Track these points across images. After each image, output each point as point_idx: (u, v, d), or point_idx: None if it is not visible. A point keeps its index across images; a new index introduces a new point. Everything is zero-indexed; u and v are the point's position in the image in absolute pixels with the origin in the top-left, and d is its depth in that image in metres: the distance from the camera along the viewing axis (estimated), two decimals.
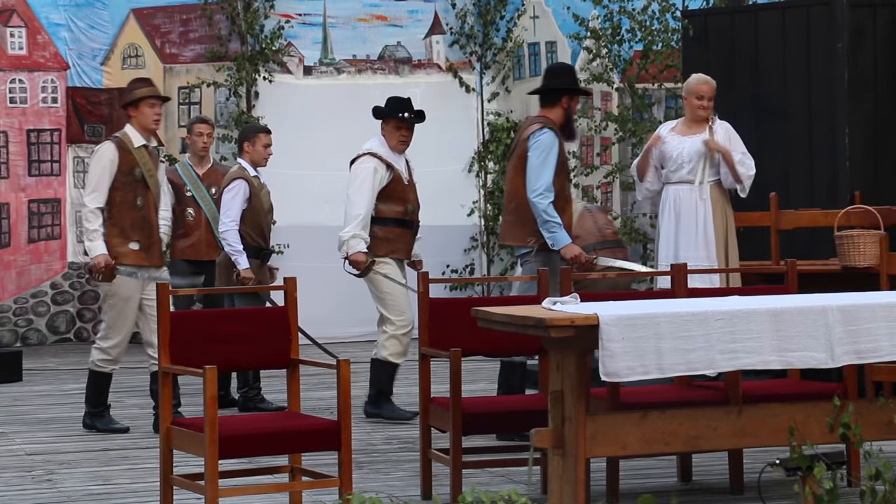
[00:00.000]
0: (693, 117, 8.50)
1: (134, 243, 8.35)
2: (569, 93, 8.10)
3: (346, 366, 6.01)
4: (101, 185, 8.34)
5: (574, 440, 5.64)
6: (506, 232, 8.18)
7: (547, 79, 8.29)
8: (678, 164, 8.43)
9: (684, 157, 8.41)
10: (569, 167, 8.29)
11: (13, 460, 7.69)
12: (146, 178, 8.40)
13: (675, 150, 8.42)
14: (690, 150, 8.41)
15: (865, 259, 8.29)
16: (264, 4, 13.10)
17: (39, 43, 13.02)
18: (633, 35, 12.89)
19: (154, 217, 8.46)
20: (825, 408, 5.91)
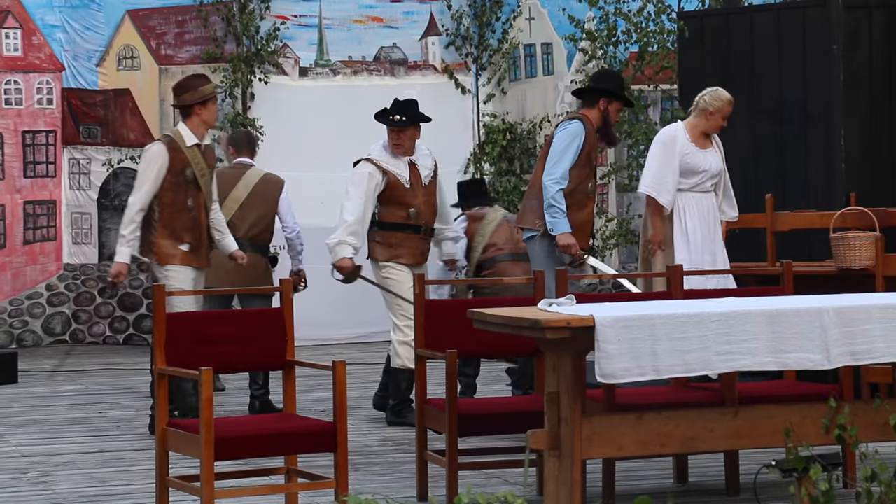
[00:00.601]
0: (709, 130, 8.56)
1: (185, 245, 8.19)
2: (606, 95, 8.19)
3: (342, 367, 6.01)
4: (147, 186, 8.13)
5: (570, 441, 5.64)
6: (521, 215, 8.37)
7: (591, 80, 8.46)
8: (706, 178, 8.55)
9: (711, 171, 8.54)
10: (594, 165, 8.32)
11: (9, 462, 7.68)
12: (197, 179, 8.23)
13: (702, 164, 8.52)
14: (715, 165, 8.54)
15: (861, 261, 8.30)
16: (260, 6, 13.10)
17: (35, 44, 13.02)
18: (628, 37, 12.90)
19: (204, 218, 8.30)
20: (821, 409, 5.92)
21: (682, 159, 8.46)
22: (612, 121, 8.30)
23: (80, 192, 13.18)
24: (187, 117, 8.29)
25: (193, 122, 8.26)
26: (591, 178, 8.27)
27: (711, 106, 8.53)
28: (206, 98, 8.26)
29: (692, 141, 8.52)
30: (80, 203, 13.19)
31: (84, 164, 13.17)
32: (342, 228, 8.58)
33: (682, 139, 8.52)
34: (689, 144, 8.51)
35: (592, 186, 8.31)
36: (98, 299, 13.23)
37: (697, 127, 8.55)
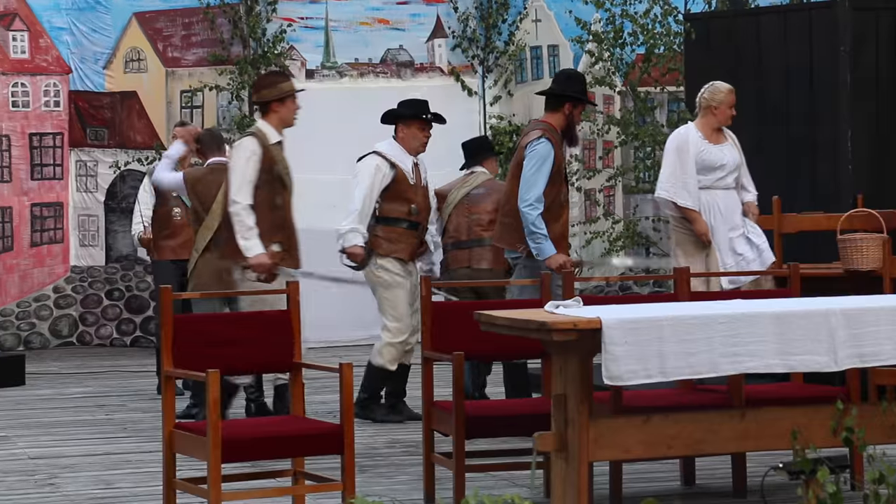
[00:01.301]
0: (721, 124, 8.59)
1: (276, 244, 7.87)
2: (572, 100, 8.13)
3: (349, 369, 6.01)
4: (249, 181, 7.80)
5: (577, 444, 5.64)
6: (500, 234, 8.29)
7: (554, 83, 8.35)
8: (726, 172, 8.58)
9: (730, 166, 8.58)
10: (565, 173, 8.31)
11: (16, 464, 7.69)
12: (283, 177, 8.01)
13: (720, 159, 8.55)
14: (732, 160, 8.58)
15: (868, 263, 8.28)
16: (266, 8, 13.11)
17: (42, 47, 13.03)
18: (635, 38, 12.90)
19: (292, 217, 8.04)
20: (828, 411, 5.90)
21: (697, 157, 8.49)
22: (575, 123, 8.19)
23: (87, 195, 13.19)
24: (265, 114, 8.02)
25: (272, 119, 7.99)
26: (563, 187, 8.19)
27: (714, 101, 8.56)
28: (284, 95, 7.99)
29: (705, 138, 8.54)
30: (87, 205, 13.20)
31: (91, 166, 13.19)
32: (353, 216, 8.63)
33: (694, 138, 8.54)
34: (702, 142, 8.53)
35: (565, 195, 8.23)
36: (105, 301, 13.24)
37: (707, 124, 8.58)
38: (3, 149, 12.93)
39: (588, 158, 13.77)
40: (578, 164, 13.52)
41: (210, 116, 13.17)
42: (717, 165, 8.54)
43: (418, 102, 9.01)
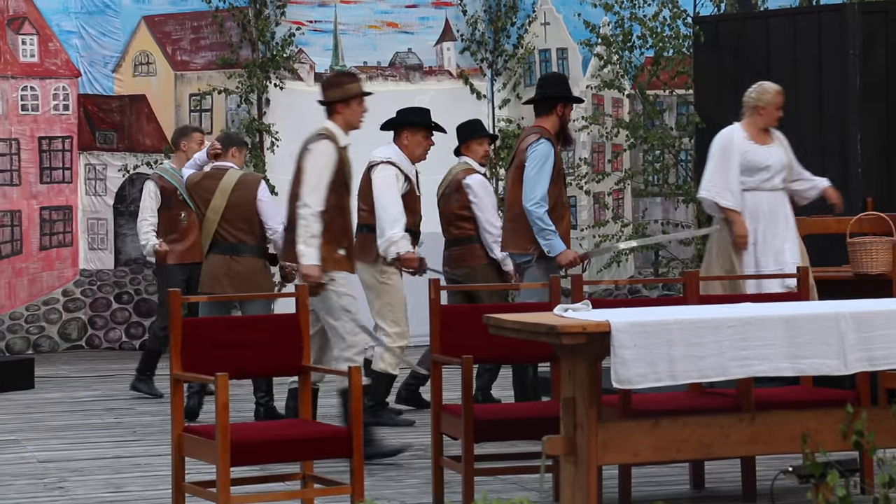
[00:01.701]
0: (767, 125, 8.47)
1: (342, 249, 7.62)
2: (563, 101, 8.26)
3: (358, 373, 6.01)
4: (324, 185, 7.50)
5: (586, 447, 5.63)
6: (506, 239, 8.37)
7: (541, 88, 8.45)
8: (772, 174, 8.45)
9: (777, 167, 8.45)
10: (565, 174, 8.35)
11: (25, 468, 7.70)
12: (348, 181, 7.74)
13: (766, 160, 8.43)
14: (778, 161, 8.45)
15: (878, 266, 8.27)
16: (275, 11, 13.12)
17: (51, 50, 13.05)
18: (644, 41, 12.89)
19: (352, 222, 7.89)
20: (838, 415, 5.90)
21: (742, 158, 8.38)
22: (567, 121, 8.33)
23: (96, 198, 13.20)
24: (330, 115, 7.74)
25: (337, 120, 7.70)
26: (563, 188, 8.32)
27: (760, 101, 8.44)
28: (349, 97, 7.72)
29: (750, 138, 8.43)
30: (96, 209, 13.21)
31: (100, 169, 13.20)
32: (400, 224, 8.51)
33: (739, 138, 8.43)
34: (747, 142, 8.41)
35: (566, 195, 8.40)
36: (114, 305, 13.25)
37: (753, 124, 8.45)
38: (13, 152, 12.95)
39: (597, 162, 13.76)
40: (587, 168, 13.51)
41: (219, 120, 13.18)
42: (762, 166, 8.39)
43: (424, 111, 9.00)
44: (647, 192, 13.38)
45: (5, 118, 12.90)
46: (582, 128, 13.30)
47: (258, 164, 12.90)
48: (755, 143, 8.41)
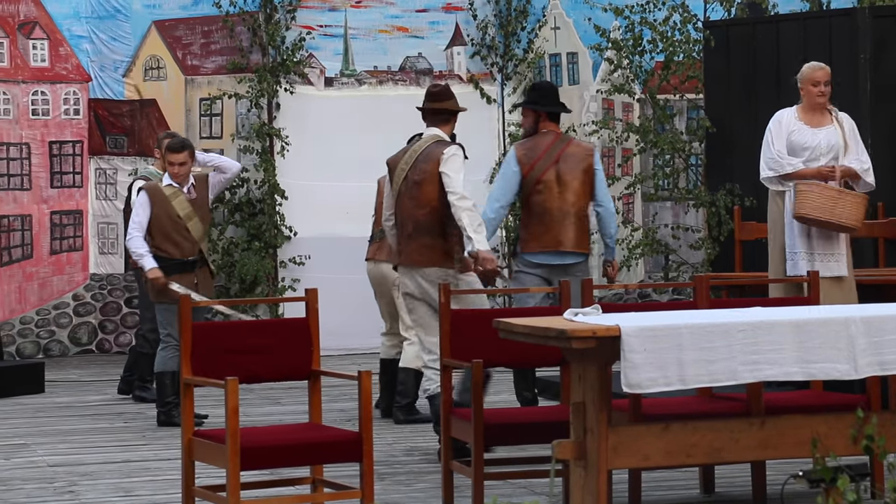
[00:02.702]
0: (812, 105, 8.35)
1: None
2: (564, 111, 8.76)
3: (368, 377, 6.01)
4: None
5: (596, 452, 5.63)
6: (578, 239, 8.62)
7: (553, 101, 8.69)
8: (816, 155, 8.29)
9: (822, 148, 8.29)
10: None
11: (35, 472, 7.71)
12: None
13: (810, 141, 8.28)
14: (827, 141, 8.29)
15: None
16: (286, 16, 13.13)
17: (61, 55, 13.07)
18: (654, 46, 12.88)
19: None
20: (848, 419, 5.89)
21: (788, 138, 8.29)
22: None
23: (107, 203, 13.22)
24: (446, 123, 7.95)
25: (445, 129, 7.93)
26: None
27: (800, 80, 8.35)
28: (458, 110, 8.04)
29: (800, 119, 8.31)
30: (106, 213, 13.22)
31: (110, 174, 13.21)
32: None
33: (787, 118, 8.35)
34: (795, 122, 8.31)
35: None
36: (124, 309, 13.26)
37: (803, 106, 8.34)
38: (23, 157, 12.97)
39: (607, 166, 13.75)
40: None
41: (229, 124, 13.19)
42: (804, 147, 8.26)
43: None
44: (657, 197, 13.36)
45: (16, 123, 12.92)
46: (592, 132, 13.29)
47: (268, 168, 12.92)
48: (803, 124, 8.29)
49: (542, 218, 8.47)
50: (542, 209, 8.46)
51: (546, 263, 8.49)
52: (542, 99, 8.62)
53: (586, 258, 8.59)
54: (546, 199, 8.46)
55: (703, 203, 11.91)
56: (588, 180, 8.48)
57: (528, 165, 8.47)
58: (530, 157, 8.48)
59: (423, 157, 7.81)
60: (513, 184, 8.51)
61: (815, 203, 8.04)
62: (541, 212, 8.48)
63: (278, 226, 12.93)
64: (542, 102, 8.59)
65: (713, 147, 11.70)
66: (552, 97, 8.67)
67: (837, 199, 8.03)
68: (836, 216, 8.01)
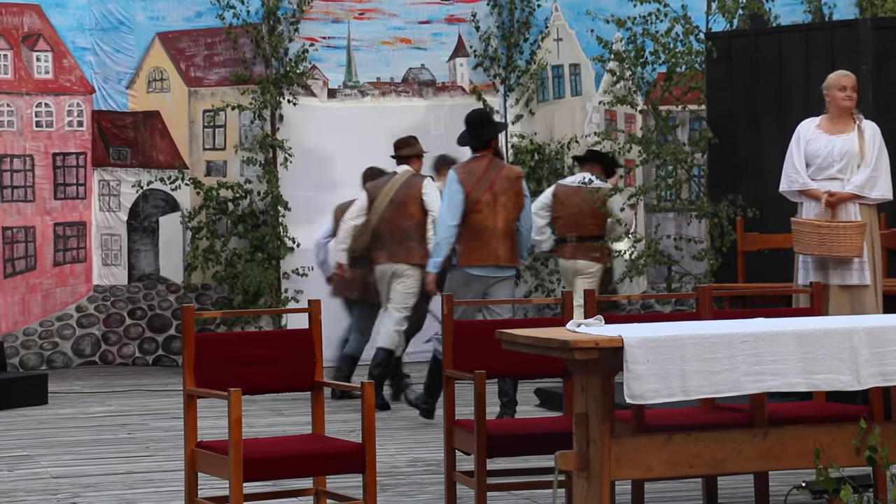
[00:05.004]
0: (839, 110, 8.28)
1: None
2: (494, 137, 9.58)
3: (371, 388, 6.01)
4: None
5: (599, 463, 5.63)
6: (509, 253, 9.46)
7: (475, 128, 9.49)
8: (828, 163, 8.24)
9: (835, 155, 8.23)
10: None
11: (38, 483, 7.71)
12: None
13: (823, 148, 8.24)
14: (841, 148, 8.23)
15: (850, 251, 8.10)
16: (289, 28, 13.15)
17: (65, 67, 13.09)
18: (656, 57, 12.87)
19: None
20: (851, 430, 5.89)
21: (805, 147, 8.24)
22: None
23: (110, 214, 13.24)
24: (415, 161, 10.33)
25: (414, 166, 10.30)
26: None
27: (825, 88, 8.31)
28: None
29: (819, 127, 8.25)
30: (109, 225, 13.24)
31: (114, 185, 13.23)
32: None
33: (807, 128, 8.30)
34: (813, 131, 8.25)
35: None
36: (128, 320, 13.28)
37: (828, 114, 8.30)
38: (27, 168, 12.98)
39: None
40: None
41: (232, 136, 13.21)
42: (816, 155, 8.21)
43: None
44: (659, 208, 13.36)
45: (20, 134, 12.94)
46: (595, 143, 13.29)
47: (271, 179, 12.93)
48: (822, 132, 8.26)
49: (481, 235, 9.30)
50: (481, 227, 9.30)
51: (484, 276, 9.32)
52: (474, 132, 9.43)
53: (515, 271, 9.54)
54: (484, 217, 9.29)
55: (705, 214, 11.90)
56: (517, 202, 9.40)
57: (468, 187, 9.29)
58: (469, 180, 9.31)
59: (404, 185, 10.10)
60: (460, 206, 9.31)
61: (807, 241, 8.09)
62: (480, 229, 9.30)
63: (281, 237, 12.94)
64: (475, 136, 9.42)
65: (715, 158, 11.70)
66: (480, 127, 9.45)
67: (825, 234, 8.04)
68: (830, 251, 8.03)
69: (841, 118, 8.28)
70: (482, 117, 9.60)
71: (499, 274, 9.34)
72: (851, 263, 8.14)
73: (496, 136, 9.57)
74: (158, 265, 13.25)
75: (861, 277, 8.16)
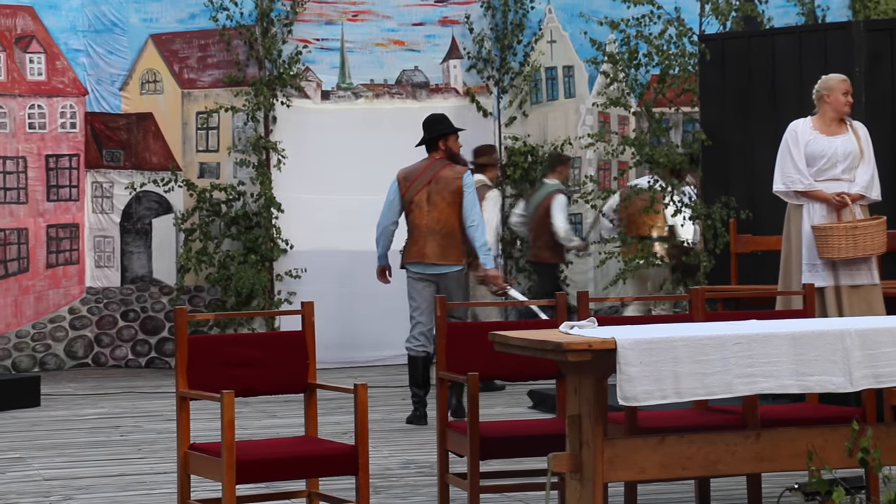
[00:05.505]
0: (838, 114, 8.35)
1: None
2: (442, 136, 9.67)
3: (364, 390, 6.01)
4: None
5: (592, 464, 5.63)
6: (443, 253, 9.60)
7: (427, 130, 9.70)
8: (832, 163, 8.30)
9: (839, 156, 8.30)
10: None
11: (31, 486, 7.70)
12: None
13: (827, 149, 8.29)
14: (844, 149, 8.31)
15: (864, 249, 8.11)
16: (282, 30, 13.14)
17: (58, 69, 13.08)
18: (650, 59, 12.89)
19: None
20: (844, 432, 5.89)
21: (806, 148, 8.29)
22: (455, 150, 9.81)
23: (103, 216, 13.23)
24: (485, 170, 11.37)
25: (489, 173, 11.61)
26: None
27: (825, 88, 8.36)
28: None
29: (816, 128, 8.32)
30: (102, 226, 13.23)
31: (107, 187, 13.22)
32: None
33: (803, 128, 8.35)
34: (811, 132, 8.31)
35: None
36: (120, 322, 13.27)
37: (822, 115, 8.35)
38: (20, 170, 12.98)
39: (603, 179, 13.77)
40: (593, 185, 13.52)
41: (226, 138, 13.20)
42: (821, 156, 8.26)
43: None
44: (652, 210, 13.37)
45: (13, 136, 12.93)
46: (588, 145, 13.31)
47: (264, 181, 12.93)
48: (820, 133, 8.31)
49: (413, 233, 9.61)
50: (413, 225, 9.61)
51: (415, 272, 9.60)
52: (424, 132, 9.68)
53: (459, 269, 9.61)
54: (415, 217, 9.57)
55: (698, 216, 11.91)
56: (457, 200, 9.53)
57: (405, 187, 9.60)
58: (408, 180, 9.61)
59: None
60: (394, 206, 9.66)
61: (838, 245, 8.10)
62: (411, 228, 9.63)
63: (274, 239, 12.94)
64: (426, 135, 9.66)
65: (709, 160, 11.71)
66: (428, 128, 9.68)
67: (857, 235, 8.08)
68: (862, 250, 8.07)
69: (835, 120, 8.32)
70: (435, 119, 9.83)
71: (428, 271, 9.55)
72: (862, 263, 8.17)
73: (442, 136, 9.68)
74: (151, 267, 13.24)
75: (870, 277, 8.20)
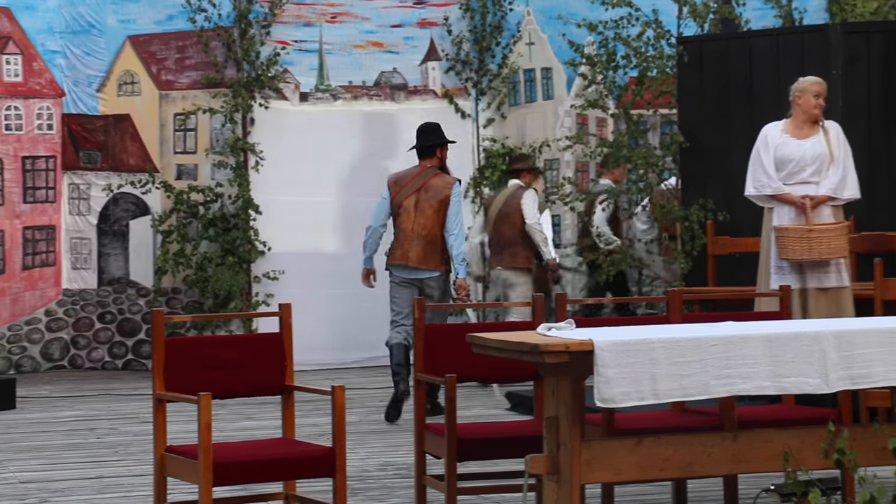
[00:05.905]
0: (808, 116, 8.37)
1: None
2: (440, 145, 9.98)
3: (341, 392, 6.01)
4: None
5: (569, 466, 5.63)
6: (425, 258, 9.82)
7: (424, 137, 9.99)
8: (801, 167, 8.32)
9: (807, 159, 8.31)
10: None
11: (6, 489, 7.67)
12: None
13: (795, 153, 8.31)
14: (813, 151, 8.32)
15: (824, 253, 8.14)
16: (260, 31, 13.13)
17: (35, 70, 13.04)
18: (628, 61, 12.91)
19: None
20: (820, 433, 5.90)
21: (775, 152, 8.30)
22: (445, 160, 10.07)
23: (80, 218, 13.18)
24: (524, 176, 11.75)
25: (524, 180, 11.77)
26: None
27: (797, 91, 8.38)
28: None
29: (786, 132, 8.34)
30: (79, 228, 13.19)
31: (84, 189, 13.18)
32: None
33: (773, 132, 8.38)
34: (781, 135, 8.34)
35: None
36: (97, 325, 13.23)
37: (795, 118, 8.38)
38: None
39: (581, 181, 13.78)
40: (571, 187, 13.54)
41: (203, 139, 13.18)
42: (789, 159, 8.28)
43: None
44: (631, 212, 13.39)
45: None
46: (566, 147, 13.32)
47: (242, 183, 12.91)
48: (789, 136, 8.32)
49: (398, 237, 9.83)
50: (399, 230, 9.83)
51: (397, 275, 9.82)
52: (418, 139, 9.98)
53: (438, 274, 9.81)
54: (403, 221, 9.81)
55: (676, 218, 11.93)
56: (443, 209, 9.79)
57: (395, 192, 9.85)
58: (398, 184, 9.88)
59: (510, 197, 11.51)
60: (384, 208, 9.90)
61: (794, 246, 8.12)
62: (398, 232, 9.83)
63: (252, 241, 12.92)
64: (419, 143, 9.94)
65: (686, 162, 11.74)
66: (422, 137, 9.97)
67: (812, 238, 8.09)
68: (818, 253, 8.09)
69: (808, 122, 8.35)
70: (431, 127, 10.10)
71: (409, 275, 9.78)
72: (829, 266, 8.19)
73: (439, 145, 9.95)
74: (128, 269, 13.20)
75: (839, 279, 8.21)
